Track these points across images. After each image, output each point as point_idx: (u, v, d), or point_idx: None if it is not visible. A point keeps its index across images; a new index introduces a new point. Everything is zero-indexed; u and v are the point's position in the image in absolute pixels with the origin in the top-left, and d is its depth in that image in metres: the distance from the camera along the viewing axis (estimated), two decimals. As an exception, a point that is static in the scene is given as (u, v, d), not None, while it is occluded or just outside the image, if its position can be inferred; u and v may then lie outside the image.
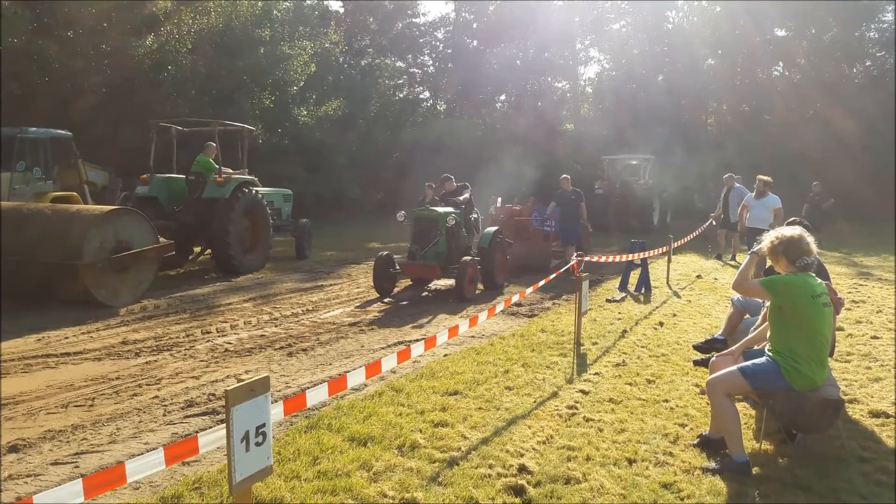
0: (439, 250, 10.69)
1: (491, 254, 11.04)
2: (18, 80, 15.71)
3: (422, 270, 10.61)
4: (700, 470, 4.24)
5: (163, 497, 3.75)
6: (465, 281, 10.11)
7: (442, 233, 10.60)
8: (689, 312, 9.35)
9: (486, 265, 10.96)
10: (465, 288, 10.12)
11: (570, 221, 13.61)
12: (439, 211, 10.76)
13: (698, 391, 5.77)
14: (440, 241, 10.61)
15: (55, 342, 7.40)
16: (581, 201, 13.59)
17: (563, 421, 5.06)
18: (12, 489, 3.91)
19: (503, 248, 11.60)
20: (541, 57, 37.07)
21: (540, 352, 7.04)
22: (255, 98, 22.01)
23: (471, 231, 11.61)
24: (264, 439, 2.95)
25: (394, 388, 5.71)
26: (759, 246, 4.53)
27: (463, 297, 10.09)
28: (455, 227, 10.83)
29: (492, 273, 11.06)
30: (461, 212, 11.29)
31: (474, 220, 11.76)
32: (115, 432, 4.81)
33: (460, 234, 11.16)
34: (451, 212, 10.88)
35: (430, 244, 10.56)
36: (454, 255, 10.88)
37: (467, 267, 10.17)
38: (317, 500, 3.73)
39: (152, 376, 6.21)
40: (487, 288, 11.07)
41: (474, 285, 10.46)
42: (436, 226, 10.64)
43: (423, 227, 10.71)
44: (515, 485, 3.97)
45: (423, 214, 10.82)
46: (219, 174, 12.45)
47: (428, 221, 10.74)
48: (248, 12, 22.03)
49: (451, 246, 10.88)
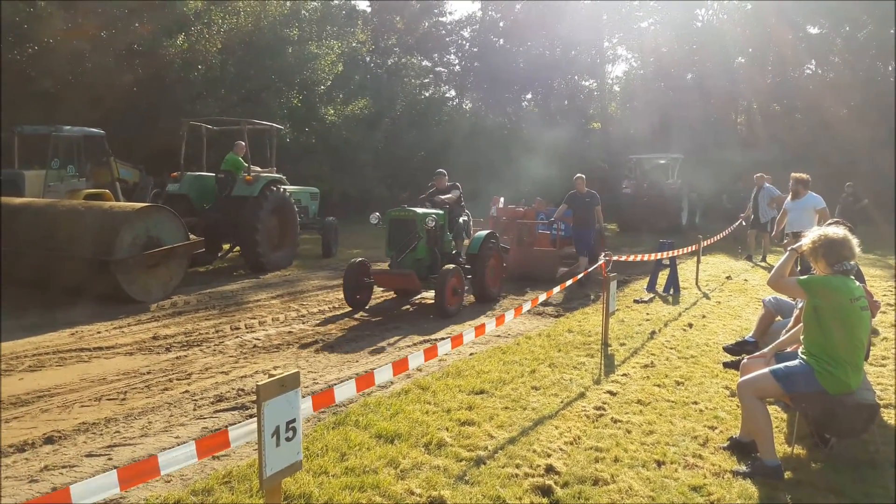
0: (418, 256, 9.38)
1: (482, 261, 9.79)
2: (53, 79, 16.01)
3: (396, 280, 9.34)
4: (731, 473, 4.19)
5: (193, 490, 3.80)
6: (446, 293, 8.75)
7: (420, 236, 9.25)
8: (719, 314, 9.24)
9: (477, 274, 9.78)
10: (447, 301, 8.76)
11: (584, 226, 12.06)
12: (417, 211, 9.37)
13: (728, 393, 5.71)
14: (419, 246, 9.29)
15: (88, 336, 7.54)
16: (597, 204, 12.03)
17: (591, 422, 5.03)
18: (48, 480, 3.99)
19: (497, 254, 10.27)
20: (568, 55, 36.85)
21: (567, 352, 7.00)
22: (283, 97, 22.18)
23: (459, 235, 10.26)
24: (294, 434, 2.97)
25: (420, 386, 5.72)
26: (799, 243, 4.43)
27: (444, 311, 8.77)
28: (436, 230, 9.54)
29: (483, 283, 9.86)
30: (445, 213, 9.92)
31: (464, 223, 10.38)
32: (146, 426, 4.89)
33: (444, 239, 9.87)
34: (431, 212, 9.51)
35: (406, 249, 9.24)
36: (437, 262, 9.61)
37: (449, 276, 8.82)
38: (345, 496, 3.75)
39: (182, 371, 6.30)
40: (480, 300, 9.97)
41: (458, 298, 9.07)
42: (413, 228, 9.26)
43: (399, 231, 9.34)
44: (543, 485, 3.96)
45: (398, 215, 9.41)
46: (248, 172, 12.58)
47: (404, 223, 9.34)
48: (277, 12, 22.20)
49: (432, 252, 9.63)
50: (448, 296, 8.78)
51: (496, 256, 10.20)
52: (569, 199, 12.09)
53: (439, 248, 9.76)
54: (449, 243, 10.01)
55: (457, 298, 9.02)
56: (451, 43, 39.85)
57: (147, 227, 9.59)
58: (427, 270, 9.50)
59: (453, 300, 8.93)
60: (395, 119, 29.08)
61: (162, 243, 9.70)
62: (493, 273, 10.14)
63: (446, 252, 9.97)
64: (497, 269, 10.25)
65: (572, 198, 12.03)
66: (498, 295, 10.26)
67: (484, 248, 9.83)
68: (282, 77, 21.99)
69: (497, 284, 10.28)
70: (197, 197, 12.79)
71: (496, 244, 10.22)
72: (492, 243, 10.05)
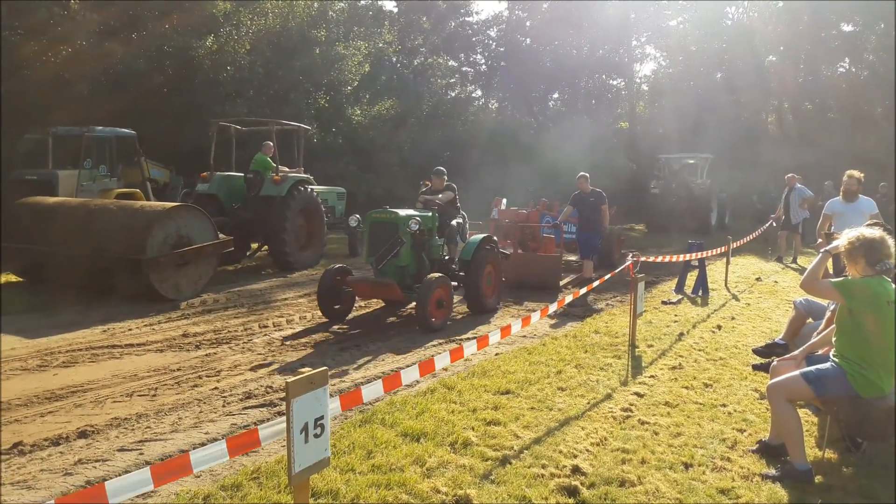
0: (401, 263, 8.46)
1: (477, 269, 8.89)
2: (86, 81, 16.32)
3: (375, 289, 8.53)
4: (759, 476, 4.15)
5: (223, 485, 3.86)
6: (430, 305, 7.87)
7: (403, 241, 8.35)
8: (749, 316, 9.12)
9: (471, 283, 8.91)
10: (430, 314, 7.89)
11: (589, 228, 11.06)
12: (399, 213, 8.51)
13: (758, 396, 5.64)
14: (401, 252, 8.38)
15: (120, 333, 7.68)
16: (602, 204, 10.96)
17: (618, 423, 5.01)
18: (82, 473, 4.08)
19: (495, 261, 9.37)
20: (595, 54, 36.61)
21: (593, 353, 6.96)
22: (311, 98, 22.35)
23: (452, 240, 9.26)
24: (322, 431, 3.01)
25: (446, 386, 5.73)
26: (833, 244, 4.36)
27: (428, 325, 7.89)
28: (423, 233, 8.66)
29: (477, 293, 8.92)
30: (433, 215, 9.02)
31: (457, 227, 9.36)
32: (176, 421, 4.97)
33: (432, 244, 8.97)
34: (414, 214, 8.64)
35: (388, 255, 8.38)
36: (425, 270, 8.72)
37: (433, 287, 7.92)
38: (371, 494, 3.78)
39: (212, 368, 6.40)
40: (474, 311, 9.11)
41: (445, 310, 8.21)
42: (395, 232, 8.39)
43: (380, 235, 8.49)
44: (569, 485, 3.95)
45: (379, 218, 8.57)
46: (276, 173, 12.71)
47: (384, 227, 8.48)
48: (305, 13, 22.37)
49: (419, 258, 8.74)
50: (432, 308, 7.93)
51: (493, 263, 9.31)
52: (573, 199, 11.20)
53: (428, 254, 8.88)
54: (438, 248, 9.08)
55: (443, 311, 8.16)
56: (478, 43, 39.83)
57: (178, 226, 9.73)
58: (412, 279, 8.64)
59: (439, 313, 8.08)
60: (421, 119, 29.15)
61: (192, 242, 9.84)
62: (490, 282, 9.28)
63: (436, 258, 9.06)
64: (494, 277, 9.37)
65: (577, 198, 11.13)
66: (495, 306, 9.34)
67: (478, 254, 8.97)
68: (309, 78, 22.15)
69: (494, 295, 9.37)
70: (226, 197, 12.96)
71: (493, 250, 9.38)
72: (487, 249, 9.21)
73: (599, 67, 37.38)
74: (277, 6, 21.30)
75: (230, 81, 19.45)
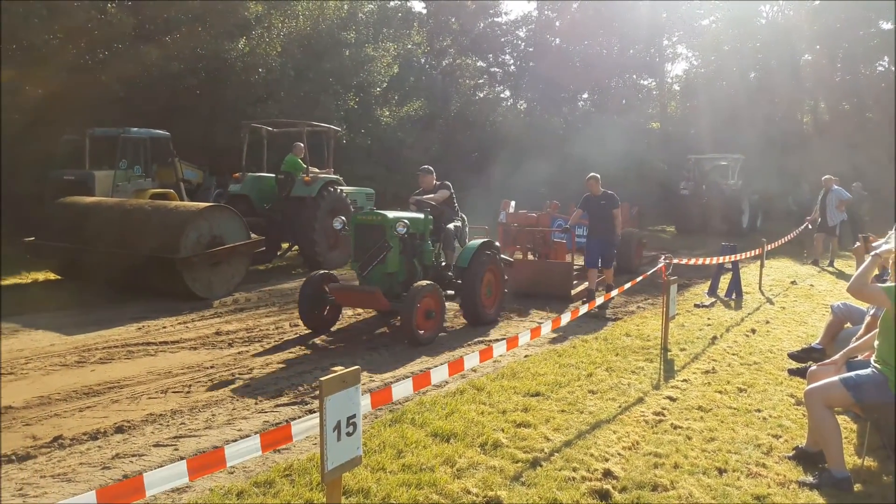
0: (388, 270, 7.74)
1: (474, 276, 8.13)
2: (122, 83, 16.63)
3: (358, 297, 7.92)
4: (796, 484, 4.07)
5: (255, 482, 3.90)
6: (416, 315, 7.17)
7: (389, 246, 7.65)
8: (784, 319, 8.96)
9: (467, 292, 8.19)
10: (416, 325, 7.19)
11: (598, 234, 10.13)
12: (386, 215, 7.81)
13: (794, 401, 5.54)
14: (388, 258, 7.67)
15: (154, 331, 7.81)
16: (614, 208, 10.02)
17: (650, 427, 4.95)
18: (119, 467, 4.16)
19: (496, 268, 8.60)
20: (626, 54, 36.26)
21: (625, 356, 6.90)
22: (340, 99, 22.50)
23: (448, 245, 8.58)
24: (354, 430, 3.02)
25: (475, 387, 5.72)
26: (885, 247, 4.26)
27: (415, 338, 7.20)
28: (412, 238, 7.98)
29: (474, 303, 8.18)
30: (425, 218, 8.26)
31: (455, 230, 8.68)
32: (210, 418, 5.04)
33: (424, 249, 8.19)
34: (403, 216, 7.86)
35: (373, 261, 7.71)
36: (416, 277, 8.01)
37: (420, 295, 7.23)
38: (402, 493, 3.79)
39: (244, 366, 6.47)
40: (472, 323, 8.39)
41: (435, 322, 7.50)
42: (381, 236, 7.70)
43: (365, 238, 7.82)
44: (601, 489, 3.92)
45: (364, 220, 7.94)
46: (306, 173, 12.82)
47: (370, 230, 7.80)
48: (335, 15, 22.54)
49: (409, 264, 8.05)
50: (420, 319, 7.26)
51: (493, 270, 8.55)
52: (583, 202, 10.33)
53: (420, 260, 8.18)
54: (431, 254, 8.30)
55: (432, 323, 7.47)
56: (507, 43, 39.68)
57: (210, 226, 9.87)
58: (401, 287, 7.88)
59: (428, 325, 7.41)
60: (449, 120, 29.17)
61: (224, 242, 9.96)
62: (491, 291, 8.55)
63: (430, 265, 8.33)
64: (495, 286, 8.64)
65: (586, 201, 10.26)
66: (495, 318, 8.63)
67: (476, 261, 8.21)
68: (338, 79, 22.30)
69: (494, 305, 8.63)
70: (257, 197, 13.11)
71: (493, 255, 8.57)
72: (487, 255, 8.42)
73: (630, 67, 37.00)
74: (308, 8, 21.49)
75: (261, 83, 19.67)
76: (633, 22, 34.20)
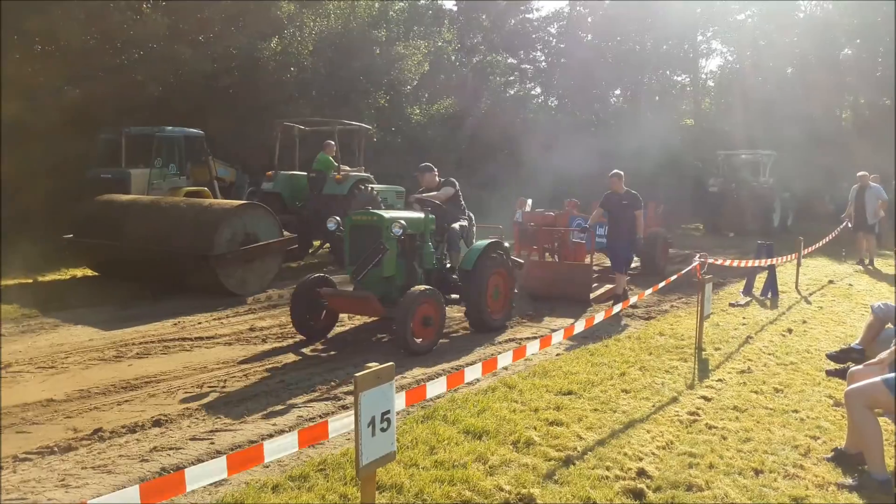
0: (384, 274, 7.26)
1: (479, 280, 7.61)
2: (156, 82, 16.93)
3: (352, 303, 7.47)
4: (835, 486, 4.00)
5: (291, 476, 3.95)
6: (410, 322, 6.68)
7: (385, 248, 7.12)
8: (821, 319, 8.78)
9: (471, 296, 7.69)
10: (411, 332, 6.70)
11: (620, 236, 9.70)
12: (382, 215, 7.33)
13: (832, 402, 5.44)
14: (384, 261, 7.16)
15: (190, 327, 7.94)
16: (636, 209, 9.55)
17: (684, 427, 4.90)
18: (157, 460, 4.24)
19: (505, 271, 8.11)
20: (659, 50, 35.82)
21: (658, 355, 6.82)
22: (371, 97, 22.61)
23: (454, 246, 8.05)
24: (388, 425, 3.04)
25: (506, 385, 5.71)
26: None
27: (410, 347, 6.67)
28: (410, 239, 7.50)
29: (479, 308, 7.67)
30: (426, 218, 7.73)
31: (460, 230, 8.13)
32: (245, 413, 5.11)
33: (425, 251, 7.67)
34: (400, 216, 7.37)
35: (369, 264, 7.16)
36: (416, 281, 7.47)
37: (416, 301, 6.73)
38: (435, 489, 3.80)
39: (278, 361, 6.56)
40: (477, 329, 7.89)
41: (433, 330, 6.98)
42: (377, 237, 7.15)
43: (361, 240, 7.28)
44: (634, 488, 3.89)
45: (359, 220, 7.39)
46: (337, 172, 12.92)
47: (366, 231, 7.28)
48: (366, 13, 22.64)
49: (409, 268, 7.53)
50: (416, 327, 6.78)
51: (501, 273, 8.05)
52: (604, 200, 9.88)
53: (421, 263, 7.67)
54: (431, 256, 7.75)
55: (430, 330, 6.96)
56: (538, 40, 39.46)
57: (244, 223, 9.99)
58: (400, 292, 7.23)
59: (425, 333, 6.91)
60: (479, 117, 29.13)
61: (258, 239, 10.08)
62: (498, 296, 8.04)
63: (431, 268, 7.81)
64: (503, 290, 8.12)
65: (607, 199, 9.83)
66: (503, 324, 8.12)
67: (482, 263, 7.68)
68: (369, 77, 22.40)
69: (502, 311, 8.10)
70: (289, 195, 13.25)
71: (502, 257, 8.07)
72: (494, 256, 7.91)
73: (663, 63, 36.56)
74: (339, 7, 21.62)
75: (293, 82, 19.85)
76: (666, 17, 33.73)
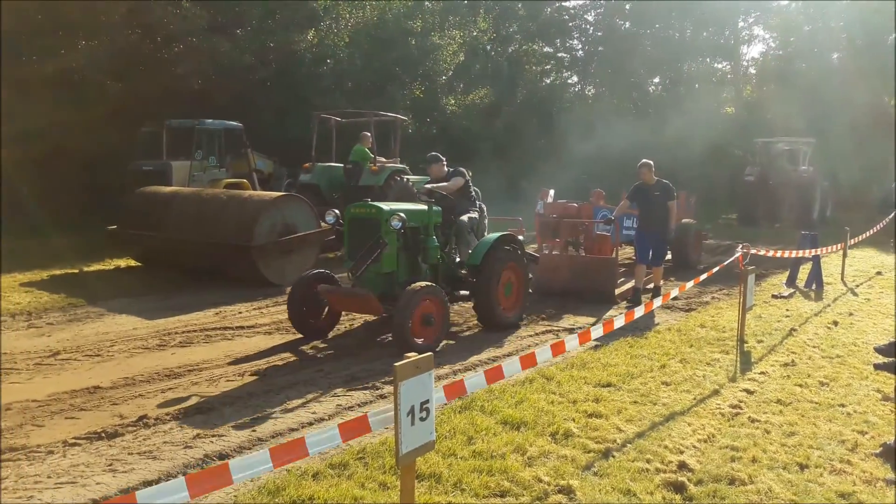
0: (384, 269, 6.81)
1: (489, 275, 7.20)
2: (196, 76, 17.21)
3: (349, 301, 7.02)
4: (884, 482, 3.91)
5: (331, 464, 3.99)
6: (409, 321, 6.21)
7: (384, 242, 6.69)
8: (868, 312, 8.55)
9: (480, 293, 7.30)
10: (410, 332, 6.23)
11: (650, 228, 9.17)
12: (382, 207, 6.84)
13: (880, 397, 5.30)
14: (384, 256, 6.73)
15: (230, 316, 8.07)
16: (670, 199, 9.08)
17: (726, 420, 4.82)
18: (200, 447, 4.32)
19: (517, 265, 7.66)
20: (699, 37, 35.12)
21: (699, 347, 6.72)
22: (406, 88, 22.64)
23: (462, 240, 7.67)
24: (427, 415, 3.05)
25: (544, 376, 5.69)
26: None
27: (408, 346, 5.93)
28: (413, 233, 7.06)
29: (489, 306, 7.26)
30: (430, 210, 7.23)
31: (470, 223, 7.75)
32: (285, 401, 5.18)
33: (429, 245, 7.18)
34: (400, 208, 6.94)
35: (367, 259, 6.74)
36: (419, 278, 6.99)
37: (415, 299, 6.28)
38: (473, 479, 3.81)
39: (316, 349, 6.65)
40: (488, 327, 7.49)
41: (435, 329, 6.53)
42: (375, 231, 6.75)
43: (360, 234, 6.90)
44: (675, 481, 3.85)
45: (358, 213, 6.98)
46: (373, 163, 12.96)
47: (365, 224, 6.87)
48: (401, 4, 22.66)
49: (411, 263, 7.13)
50: (416, 325, 6.33)
51: (514, 269, 7.60)
52: (633, 191, 9.34)
53: (425, 258, 7.20)
54: (436, 250, 7.26)
55: (431, 330, 6.51)
56: (575, 28, 38.98)
57: (283, 215, 10.10)
58: (401, 288, 6.73)
59: (426, 332, 6.47)
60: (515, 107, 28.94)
61: (296, 230, 10.19)
62: (511, 291, 7.61)
63: (436, 264, 7.34)
64: (516, 286, 7.67)
65: (637, 190, 9.27)
66: (516, 322, 7.69)
67: (492, 257, 7.25)
68: (405, 68, 22.43)
69: (515, 308, 7.66)
70: (326, 186, 13.33)
71: (514, 251, 7.66)
72: (506, 250, 7.51)
73: (703, 50, 35.82)
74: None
75: (330, 74, 19.99)
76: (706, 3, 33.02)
